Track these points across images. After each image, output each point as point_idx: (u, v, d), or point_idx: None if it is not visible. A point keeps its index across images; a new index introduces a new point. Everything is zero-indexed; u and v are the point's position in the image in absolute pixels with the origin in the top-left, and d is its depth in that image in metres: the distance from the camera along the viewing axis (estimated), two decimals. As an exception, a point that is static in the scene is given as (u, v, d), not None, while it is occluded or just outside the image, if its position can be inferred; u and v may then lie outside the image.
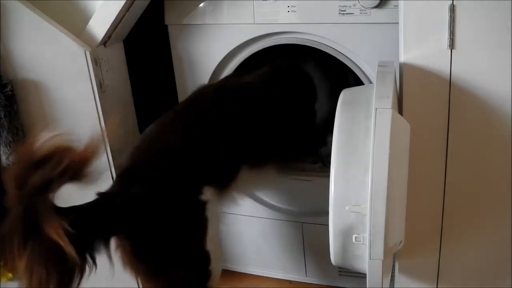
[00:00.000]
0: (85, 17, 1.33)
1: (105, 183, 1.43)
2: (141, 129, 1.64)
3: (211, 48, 1.46)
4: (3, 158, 1.37)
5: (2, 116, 1.33)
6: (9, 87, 1.33)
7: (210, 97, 1.28)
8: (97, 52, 1.35)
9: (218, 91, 1.32)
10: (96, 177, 0.96)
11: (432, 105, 1.08)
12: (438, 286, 1.23)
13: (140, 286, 1.60)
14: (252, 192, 1.59)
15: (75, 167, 0.92)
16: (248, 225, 1.66)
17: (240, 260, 1.76)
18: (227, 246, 1.75)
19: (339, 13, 1.30)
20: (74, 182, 0.93)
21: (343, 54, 1.36)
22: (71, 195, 0.97)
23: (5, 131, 1.34)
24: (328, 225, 0.99)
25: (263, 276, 1.75)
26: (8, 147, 1.35)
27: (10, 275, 1.44)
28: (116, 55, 1.47)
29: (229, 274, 1.78)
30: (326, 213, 0.99)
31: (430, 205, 1.16)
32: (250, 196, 1.60)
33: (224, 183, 1.21)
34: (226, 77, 1.47)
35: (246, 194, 1.51)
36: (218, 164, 1.18)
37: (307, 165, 1.55)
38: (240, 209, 1.64)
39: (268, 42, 1.42)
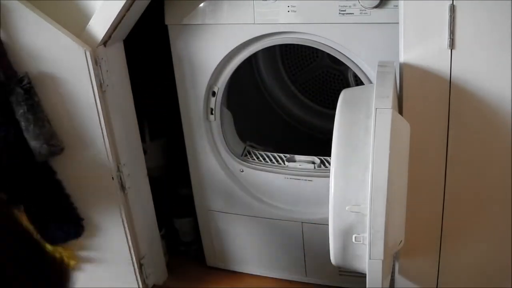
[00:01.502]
0: (85, 17, 1.33)
1: (106, 184, 1.44)
2: (141, 129, 1.65)
3: (211, 48, 1.46)
4: (36, 152, 1.33)
5: (26, 110, 1.29)
6: (26, 80, 1.29)
7: None
8: (97, 52, 1.35)
9: None
10: None
11: (432, 105, 1.08)
12: (438, 286, 1.23)
13: (141, 286, 1.60)
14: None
15: None
16: (248, 225, 1.66)
17: (240, 260, 1.76)
18: (227, 246, 1.75)
19: (339, 13, 1.29)
20: None
21: (343, 54, 1.36)
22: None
23: (31, 125, 1.30)
24: (328, 225, 0.99)
25: (263, 276, 1.75)
26: (37, 140, 1.31)
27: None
28: (116, 55, 1.47)
29: (229, 274, 1.78)
30: (326, 213, 0.99)
31: (430, 205, 1.16)
32: (250, 195, 1.60)
33: None
34: None
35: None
36: None
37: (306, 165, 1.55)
38: (240, 209, 1.64)
39: (268, 42, 1.42)
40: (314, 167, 1.53)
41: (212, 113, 1.54)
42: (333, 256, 1.02)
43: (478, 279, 1.22)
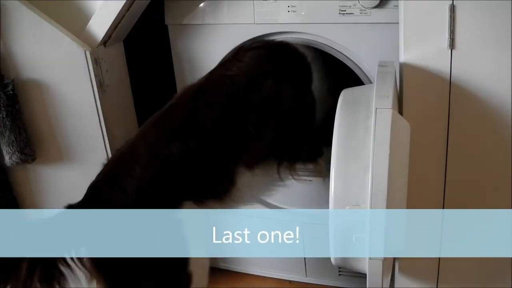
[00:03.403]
0: (85, 17, 1.33)
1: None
2: (141, 129, 1.64)
3: (211, 48, 1.46)
4: (6, 157, 1.37)
5: (4, 116, 1.33)
6: (10, 87, 1.33)
7: (187, 104, 1.20)
8: (97, 52, 1.35)
9: (195, 96, 1.21)
10: None
11: (432, 105, 1.08)
12: (438, 286, 1.23)
13: (140, 286, 1.60)
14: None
15: None
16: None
17: (240, 260, 1.76)
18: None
19: (339, 13, 1.30)
20: None
21: (343, 54, 1.36)
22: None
23: (7, 131, 1.34)
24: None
25: (263, 276, 1.75)
26: (10, 146, 1.36)
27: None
28: (116, 55, 1.47)
29: (229, 274, 1.78)
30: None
31: (430, 205, 1.16)
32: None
33: (210, 195, 1.16)
34: (212, 72, 1.28)
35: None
36: (199, 176, 1.14)
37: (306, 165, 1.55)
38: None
39: (268, 42, 1.42)
40: (314, 167, 1.52)
41: (212, 113, 1.54)
42: (333, 256, 1.02)
43: (478, 279, 1.21)
